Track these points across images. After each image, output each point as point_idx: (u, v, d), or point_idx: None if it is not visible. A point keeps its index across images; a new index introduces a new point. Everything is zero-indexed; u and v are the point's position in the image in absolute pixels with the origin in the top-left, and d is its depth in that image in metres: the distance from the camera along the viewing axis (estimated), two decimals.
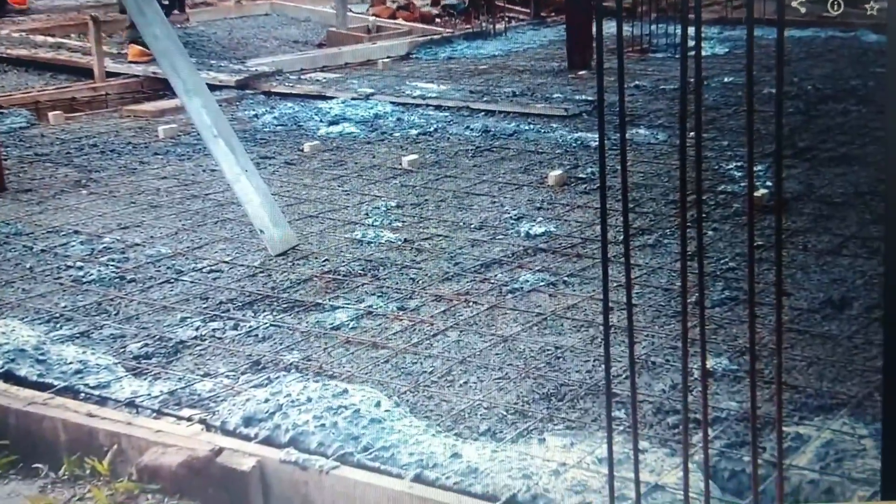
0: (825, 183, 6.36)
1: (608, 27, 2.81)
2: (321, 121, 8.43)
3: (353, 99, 9.07)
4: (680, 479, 2.74)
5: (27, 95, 9.48)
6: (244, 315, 4.70)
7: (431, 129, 8.11)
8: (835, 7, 9.52)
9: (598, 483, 3.10)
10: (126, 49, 10.59)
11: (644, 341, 4.26)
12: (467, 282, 5.00)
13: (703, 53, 8.11)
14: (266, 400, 3.60)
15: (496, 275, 5.08)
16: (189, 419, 3.62)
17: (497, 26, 12.86)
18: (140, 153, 7.69)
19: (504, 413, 3.74)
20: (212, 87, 7.20)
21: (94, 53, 9.97)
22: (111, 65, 10.21)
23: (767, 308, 4.39)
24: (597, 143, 4.65)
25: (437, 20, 14.34)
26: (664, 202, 6.11)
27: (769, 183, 6.16)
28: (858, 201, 5.98)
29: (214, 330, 4.54)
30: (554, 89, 9.54)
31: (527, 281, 4.96)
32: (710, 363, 3.98)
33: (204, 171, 7.10)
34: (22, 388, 3.86)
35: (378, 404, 3.57)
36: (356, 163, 7.26)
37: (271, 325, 4.56)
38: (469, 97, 9.18)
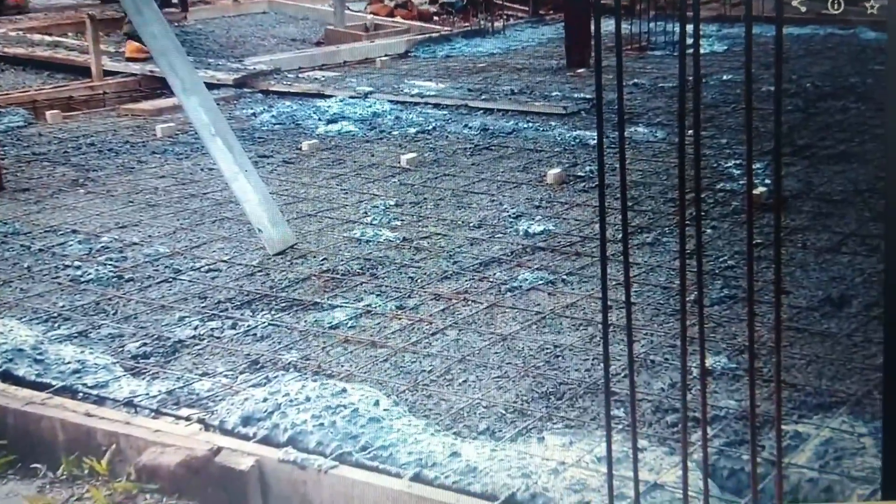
0: (824, 181, 6.36)
1: (606, 25, 2.81)
2: (319, 119, 8.43)
3: (352, 97, 9.07)
4: (679, 478, 2.73)
5: (24, 94, 9.47)
6: (242, 314, 4.69)
7: (430, 128, 8.10)
8: (835, 6, 9.52)
9: (597, 482, 3.10)
10: (123, 47, 10.59)
11: (643, 340, 4.26)
12: (466, 280, 5.00)
13: (702, 51, 8.11)
14: (264, 399, 3.59)
15: (495, 273, 5.07)
16: (187, 419, 3.61)
17: (495, 24, 12.86)
18: (138, 152, 7.68)
19: (503, 412, 3.74)
20: (210, 86, 7.19)
21: (92, 52, 9.96)
22: (109, 63, 10.20)
23: (766, 306, 4.39)
24: (595, 142, 4.64)
25: (436, 18, 14.34)
26: (663, 200, 6.11)
27: (768, 181, 6.16)
28: (857, 199, 5.97)
29: (213, 329, 4.54)
30: (552, 87, 9.53)
31: (526, 279, 4.95)
32: (709, 361, 3.97)
33: (202, 170, 7.10)
34: (20, 388, 3.85)
35: (377, 403, 3.56)
36: (354, 161, 7.25)
37: (270, 325, 4.56)
38: (467, 95, 9.17)
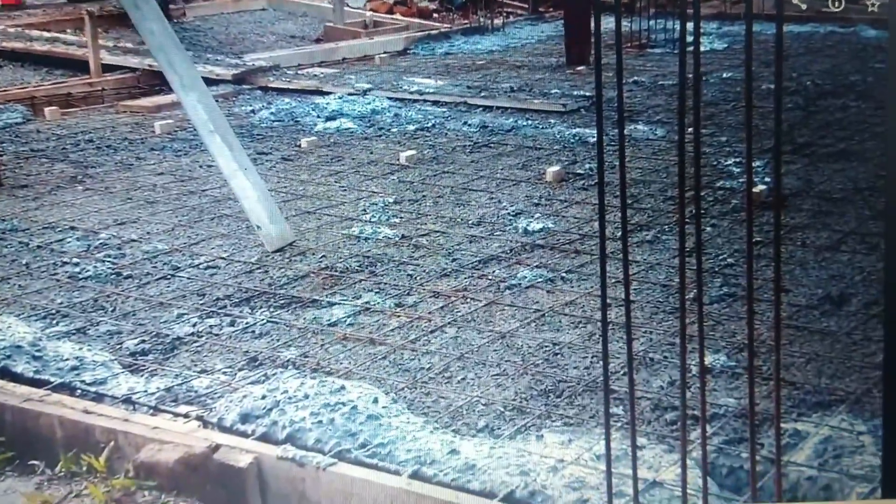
0: (824, 179, 6.35)
1: (606, 23, 2.80)
2: (318, 116, 8.42)
3: (351, 94, 9.06)
4: (678, 476, 2.73)
5: (23, 91, 9.46)
6: (241, 311, 4.69)
7: (429, 125, 8.09)
8: (836, 4, 9.52)
9: (596, 480, 3.09)
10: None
11: (642, 338, 4.25)
12: (465, 278, 4.99)
13: (702, 49, 8.09)
14: (263, 396, 3.59)
15: (494, 271, 5.07)
16: (186, 416, 3.61)
17: (495, 21, 12.86)
18: (136, 149, 7.67)
19: (502, 409, 3.73)
20: (208, 82, 7.19)
21: (90, 49, 9.95)
22: (107, 57, 10.17)
23: (766, 304, 4.39)
24: (595, 139, 4.64)
25: (435, 15, 14.34)
26: (662, 198, 6.10)
27: (768, 179, 6.16)
28: (857, 197, 5.97)
29: (211, 326, 4.53)
30: (552, 85, 9.53)
31: (525, 277, 4.95)
32: (709, 360, 3.97)
33: (200, 167, 7.09)
34: (18, 385, 3.85)
35: (375, 401, 3.56)
36: (353, 159, 7.24)
37: (268, 322, 4.55)
38: (467, 93, 9.16)
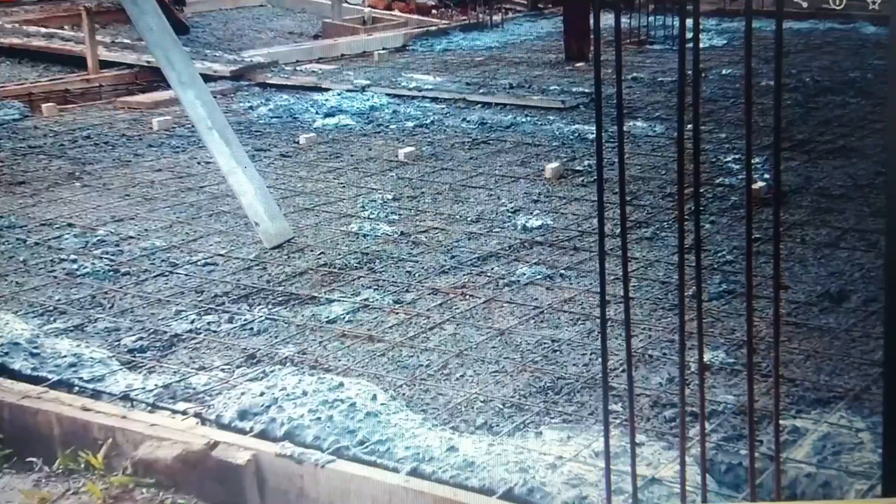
0: (823, 175, 6.35)
1: (606, 19, 2.79)
2: (317, 113, 8.41)
3: (349, 91, 9.05)
4: (677, 473, 2.73)
5: (20, 87, 9.45)
6: (239, 308, 4.68)
7: (428, 122, 8.09)
8: (836, 1, 9.52)
9: (595, 476, 3.09)
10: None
11: (641, 335, 4.25)
12: (464, 275, 4.99)
13: (702, 46, 8.08)
14: (261, 393, 3.59)
15: (493, 268, 5.06)
16: (184, 413, 3.61)
17: (494, 18, 12.85)
18: (134, 145, 7.66)
19: (501, 406, 3.73)
20: (206, 78, 7.19)
21: (88, 45, 9.94)
22: (105, 53, 10.16)
23: (765, 301, 4.38)
24: (594, 136, 4.64)
25: (434, 11, 14.32)
26: (661, 195, 6.10)
27: (767, 175, 6.15)
28: (857, 194, 5.97)
29: (209, 323, 4.53)
30: (551, 81, 9.52)
31: (524, 274, 4.95)
32: (708, 356, 3.97)
33: (198, 164, 7.08)
34: (16, 382, 3.85)
35: (374, 398, 3.56)
36: (352, 155, 7.24)
37: (266, 319, 4.55)
38: (465, 89, 9.16)
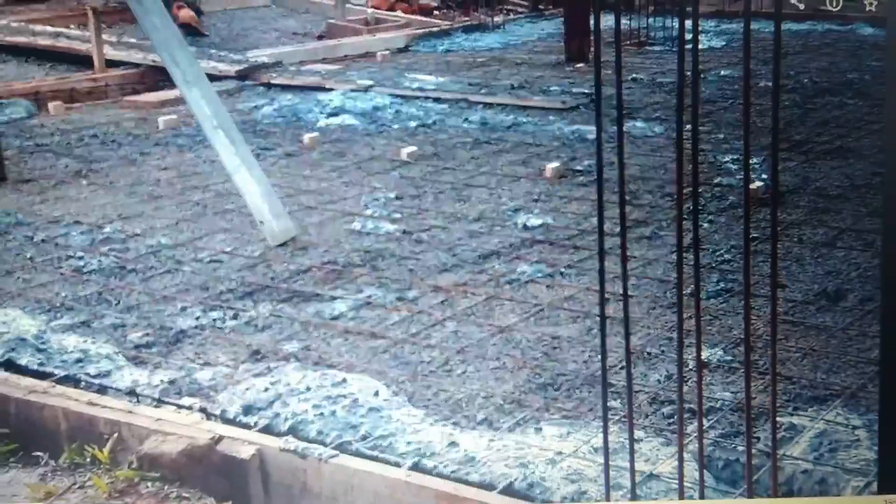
0: (821, 176, 6.39)
1: (606, 20, 2.83)
2: (321, 112, 8.44)
3: (353, 91, 9.08)
4: (675, 469, 2.76)
5: (27, 85, 9.48)
6: (244, 305, 4.72)
7: (430, 122, 8.12)
8: (834, 2, 9.54)
9: (594, 472, 3.13)
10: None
11: (640, 332, 4.29)
12: (465, 273, 5.03)
13: (701, 46, 8.08)
14: (265, 389, 3.63)
15: (494, 266, 5.10)
16: (189, 408, 3.65)
17: (495, 19, 12.87)
18: (140, 144, 7.70)
19: (501, 402, 3.77)
20: (212, 78, 7.21)
21: (94, 44, 9.97)
22: (111, 52, 10.19)
23: (762, 299, 4.42)
24: (594, 136, 4.67)
25: (436, 12, 14.33)
26: (660, 194, 6.13)
27: (765, 175, 6.18)
28: (854, 194, 6.00)
29: (214, 319, 4.57)
30: (552, 82, 9.54)
31: (524, 272, 4.98)
32: (706, 354, 4.00)
33: (204, 162, 7.12)
34: (23, 377, 3.88)
35: (376, 393, 3.60)
36: (355, 154, 7.27)
37: (271, 315, 4.59)
38: (467, 90, 9.18)
